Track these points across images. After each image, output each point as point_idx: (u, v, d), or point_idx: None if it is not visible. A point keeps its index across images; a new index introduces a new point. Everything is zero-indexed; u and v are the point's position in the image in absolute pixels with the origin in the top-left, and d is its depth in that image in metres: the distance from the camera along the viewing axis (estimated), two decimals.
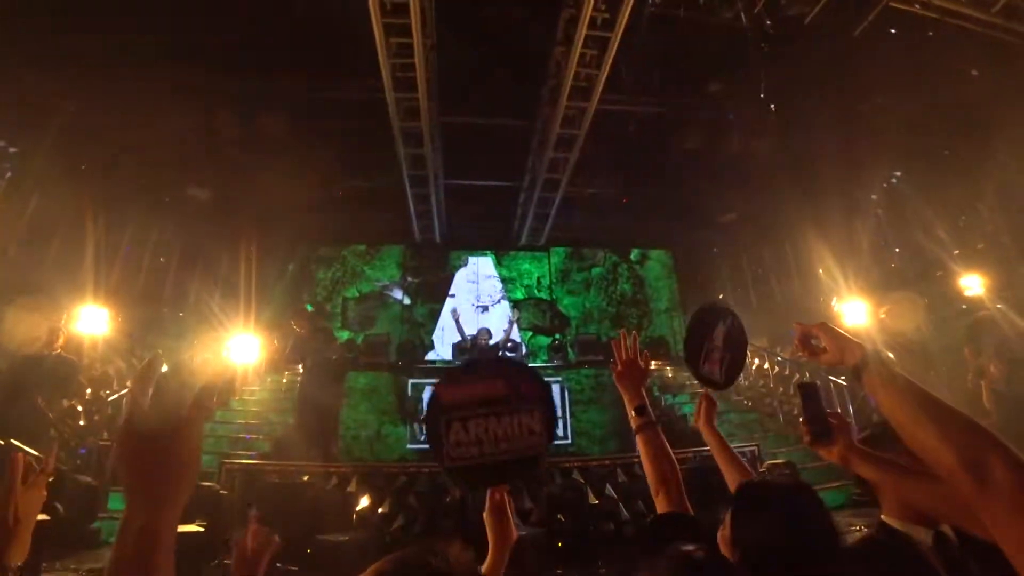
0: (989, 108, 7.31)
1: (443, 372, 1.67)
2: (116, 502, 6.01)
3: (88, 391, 6.66)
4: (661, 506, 1.60)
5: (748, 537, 1.51)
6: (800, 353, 1.49)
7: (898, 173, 8.92)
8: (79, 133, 7.62)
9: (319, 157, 10.66)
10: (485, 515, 1.56)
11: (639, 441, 1.73)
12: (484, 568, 1.50)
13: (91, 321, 7.20)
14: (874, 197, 9.31)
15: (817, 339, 1.39)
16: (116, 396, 6.60)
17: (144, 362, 0.83)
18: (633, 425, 1.78)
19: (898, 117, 8.35)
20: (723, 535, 1.57)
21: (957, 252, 7.96)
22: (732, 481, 2.08)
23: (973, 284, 7.33)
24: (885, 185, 9.10)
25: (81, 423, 6.15)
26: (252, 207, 11.38)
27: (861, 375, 1.22)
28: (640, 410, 1.78)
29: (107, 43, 7.08)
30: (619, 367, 1.88)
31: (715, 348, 2.45)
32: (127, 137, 8.35)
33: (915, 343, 7.86)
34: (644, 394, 1.83)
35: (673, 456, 1.67)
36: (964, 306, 7.27)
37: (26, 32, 6.50)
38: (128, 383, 6.95)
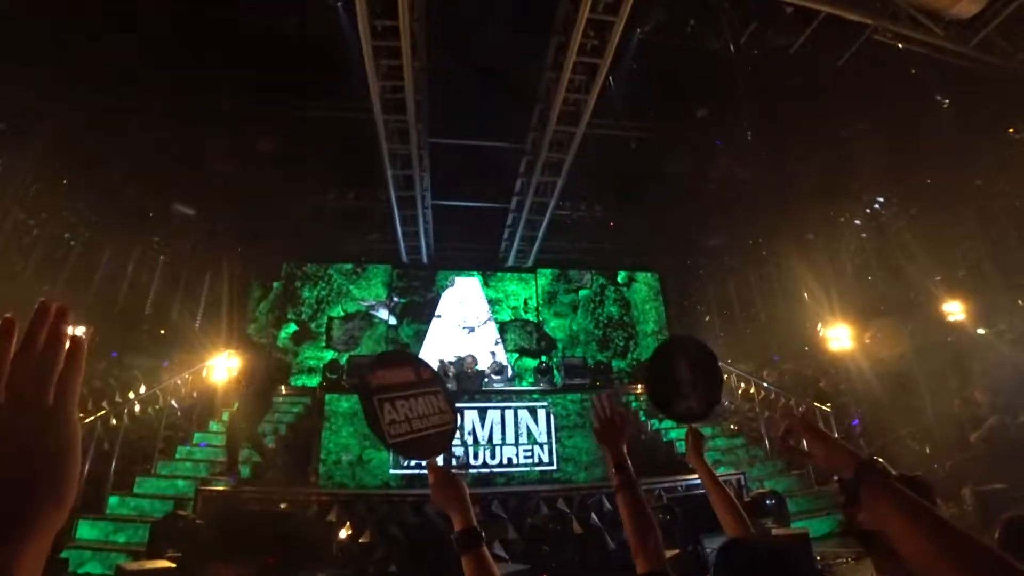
0: (966, 136, 7.48)
1: (372, 361, 1.78)
2: (85, 530, 5.80)
3: None
4: (641, 567, 1.55)
5: None
6: (785, 453, 1.34)
7: (880, 199, 9.05)
8: (61, 150, 7.51)
9: (306, 175, 10.65)
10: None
11: (619, 499, 1.68)
12: (456, 526, 1.53)
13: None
14: (857, 223, 9.43)
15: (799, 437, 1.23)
16: (92, 419, 6.39)
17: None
18: (614, 483, 1.74)
19: (880, 144, 8.51)
20: None
21: (939, 278, 8.05)
22: (721, 516, 2.07)
23: (955, 310, 7.41)
24: (868, 211, 9.23)
25: None
26: (237, 224, 11.29)
27: (858, 491, 0.99)
28: (621, 468, 1.74)
29: (90, 59, 7.02)
30: (597, 426, 1.87)
31: (683, 381, 2.41)
32: (111, 153, 8.26)
33: (899, 368, 7.92)
34: (624, 452, 1.79)
35: (653, 516, 1.62)
36: (949, 338, 7.33)
37: (10, 45, 6.42)
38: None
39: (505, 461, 7.67)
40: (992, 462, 5.45)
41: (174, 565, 4.30)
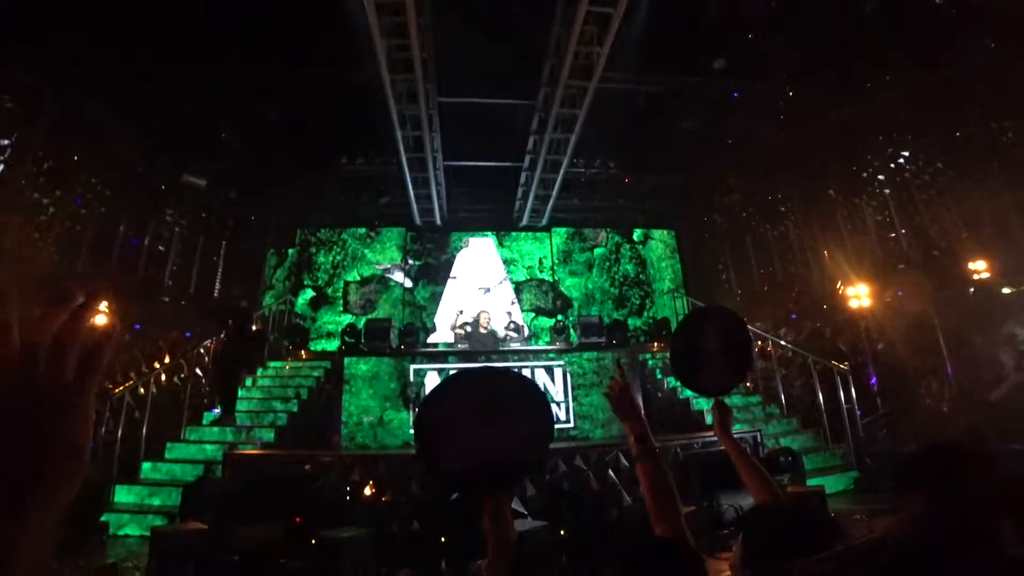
0: (998, 89, 7.12)
1: (427, 395, 1.66)
2: (122, 495, 6.07)
3: None
4: (659, 533, 1.58)
5: (760, 567, 1.50)
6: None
7: (905, 153, 8.72)
8: (69, 126, 7.49)
9: (317, 141, 10.56)
10: (483, 521, 1.54)
11: (639, 470, 1.69)
12: (484, 570, 1.50)
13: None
14: (881, 178, 9.12)
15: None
16: (121, 389, 6.60)
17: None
18: (634, 452, 1.74)
19: (904, 95, 8.15)
20: (735, 557, 1.57)
21: (965, 235, 7.82)
22: (752, 487, 2.05)
23: (980, 268, 7.20)
24: (892, 166, 8.91)
25: None
26: (250, 193, 11.31)
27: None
28: (641, 438, 1.73)
29: (93, 30, 6.92)
30: (614, 403, 1.84)
31: (709, 353, 2.36)
32: (120, 127, 8.23)
33: (920, 326, 7.79)
34: (644, 421, 1.78)
35: (672, 486, 1.63)
36: (972, 296, 7.15)
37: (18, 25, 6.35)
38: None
39: None
40: (1012, 422, 5.39)
41: (206, 527, 4.48)
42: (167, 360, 7.60)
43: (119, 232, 8.42)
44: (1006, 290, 6.68)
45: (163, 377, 7.40)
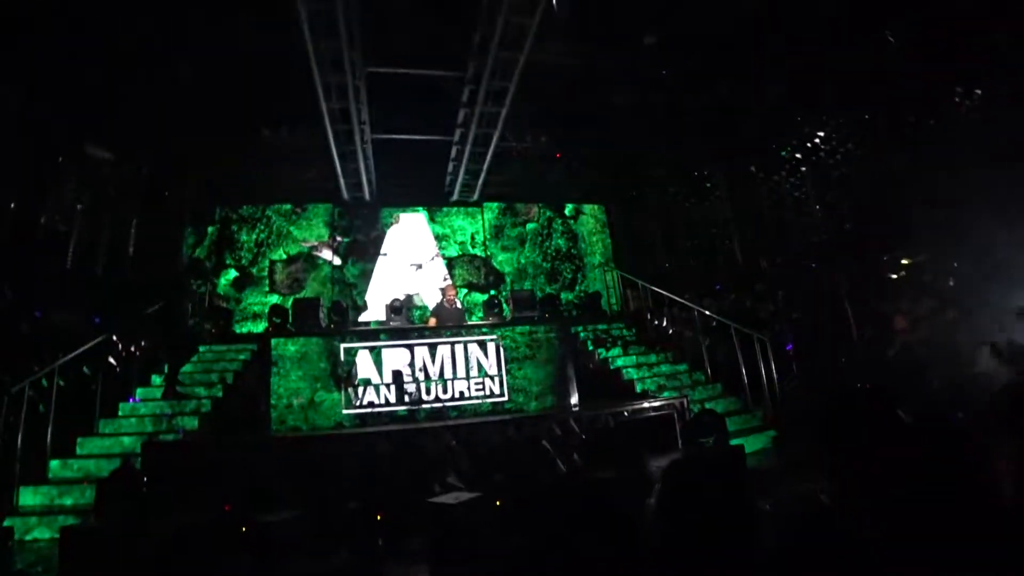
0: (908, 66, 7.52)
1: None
2: (28, 497, 5.65)
3: None
4: None
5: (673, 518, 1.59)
6: None
7: (821, 133, 9.23)
8: None
9: (235, 111, 9.94)
10: None
11: None
12: None
13: None
14: (798, 156, 9.63)
15: None
16: (21, 385, 6.03)
17: None
18: None
19: (828, 73, 8.51)
20: (649, 510, 1.65)
21: (872, 212, 8.36)
22: None
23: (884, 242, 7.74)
24: (808, 145, 9.42)
25: None
26: (163, 167, 10.56)
27: None
28: None
29: None
30: None
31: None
32: (14, 88, 7.43)
33: (834, 291, 8.32)
34: None
35: None
36: (880, 261, 7.66)
37: None
38: None
39: (457, 395, 7.80)
40: (903, 380, 5.94)
41: (122, 522, 4.25)
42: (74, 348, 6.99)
43: (9, 209, 7.65)
44: (904, 261, 7.29)
45: (68, 368, 6.83)
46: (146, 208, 10.39)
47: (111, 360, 7.63)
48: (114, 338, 7.66)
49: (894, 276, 7.42)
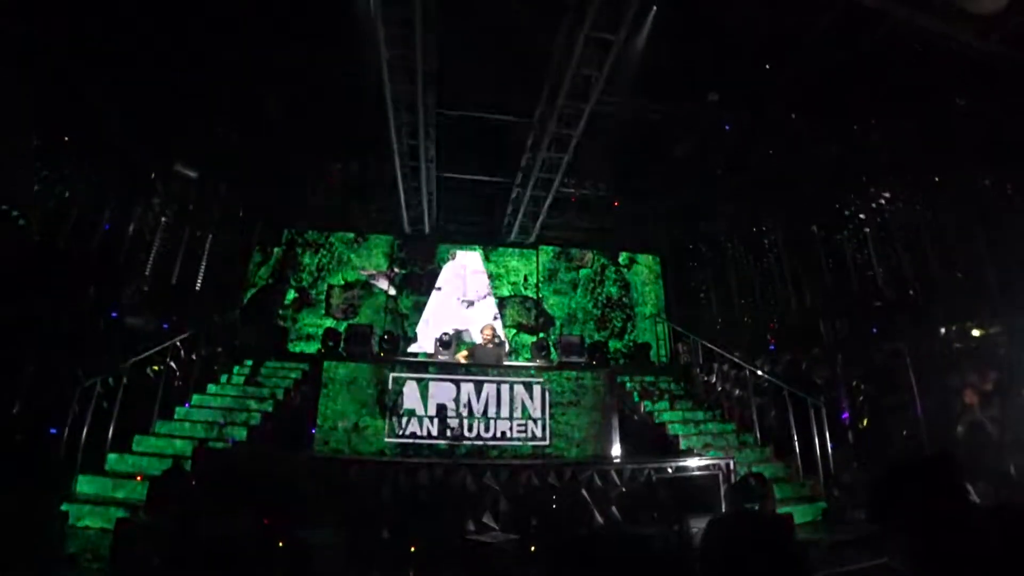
0: (981, 134, 7.35)
1: None
2: (84, 486, 5.92)
3: None
4: None
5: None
6: None
7: (887, 194, 8.99)
8: (59, 106, 7.40)
9: (311, 142, 10.58)
10: None
11: None
12: None
13: None
14: (862, 216, 9.38)
15: None
16: (91, 381, 6.43)
17: None
18: None
19: (895, 135, 8.39)
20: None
21: (939, 277, 8.03)
22: None
23: (952, 309, 7.40)
24: (874, 205, 9.17)
25: None
26: (241, 188, 11.25)
27: None
28: None
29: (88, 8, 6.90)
30: None
31: None
32: (112, 111, 8.15)
33: (897, 359, 7.93)
34: None
35: None
36: (943, 329, 7.31)
37: None
38: None
39: (499, 435, 7.76)
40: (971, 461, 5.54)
41: (173, 521, 4.39)
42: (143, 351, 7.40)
43: (103, 218, 8.29)
44: (975, 332, 6.89)
45: (135, 369, 7.22)
46: (221, 226, 11.04)
47: (173, 365, 8.00)
48: (178, 343, 8.05)
49: (959, 346, 7.01)
